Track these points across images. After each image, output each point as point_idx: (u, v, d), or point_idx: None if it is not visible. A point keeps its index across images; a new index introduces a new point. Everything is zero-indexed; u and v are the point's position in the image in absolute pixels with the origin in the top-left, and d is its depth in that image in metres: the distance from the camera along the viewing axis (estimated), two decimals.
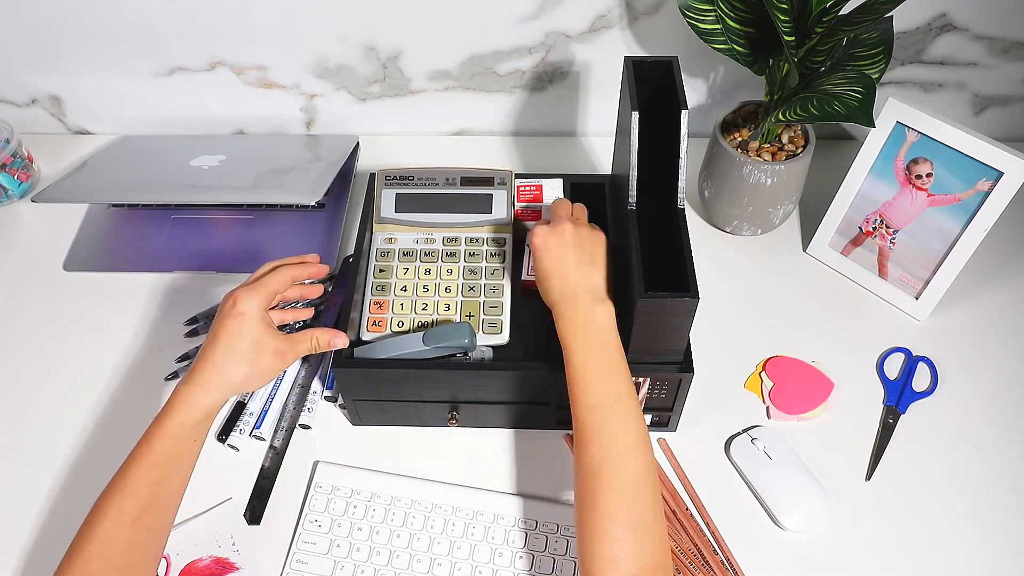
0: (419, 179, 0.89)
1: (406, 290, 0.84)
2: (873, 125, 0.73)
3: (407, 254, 0.86)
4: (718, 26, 0.83)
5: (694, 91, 1.05)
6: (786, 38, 0.74)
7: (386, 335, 0.81)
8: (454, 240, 0.87)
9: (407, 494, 0.77)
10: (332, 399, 0.84)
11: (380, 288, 0.84)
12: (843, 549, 0.74)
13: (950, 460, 0.79)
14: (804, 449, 0.79)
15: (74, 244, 0.99)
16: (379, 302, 0.83)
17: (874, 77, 0.80)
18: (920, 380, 0.85)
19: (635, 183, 0.72)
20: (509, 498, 0.77)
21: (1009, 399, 0.83)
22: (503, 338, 0.81)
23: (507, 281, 0.84)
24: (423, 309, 0.83)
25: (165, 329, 0.90)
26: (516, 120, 1.10)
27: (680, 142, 0.71)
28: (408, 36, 0.99)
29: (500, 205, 0.88)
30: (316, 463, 0.80)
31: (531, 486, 0.78)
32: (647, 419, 0.80)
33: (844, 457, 0.80)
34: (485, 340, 0.81)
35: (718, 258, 0.95)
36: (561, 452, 0.80)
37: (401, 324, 0.82)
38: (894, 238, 0.88)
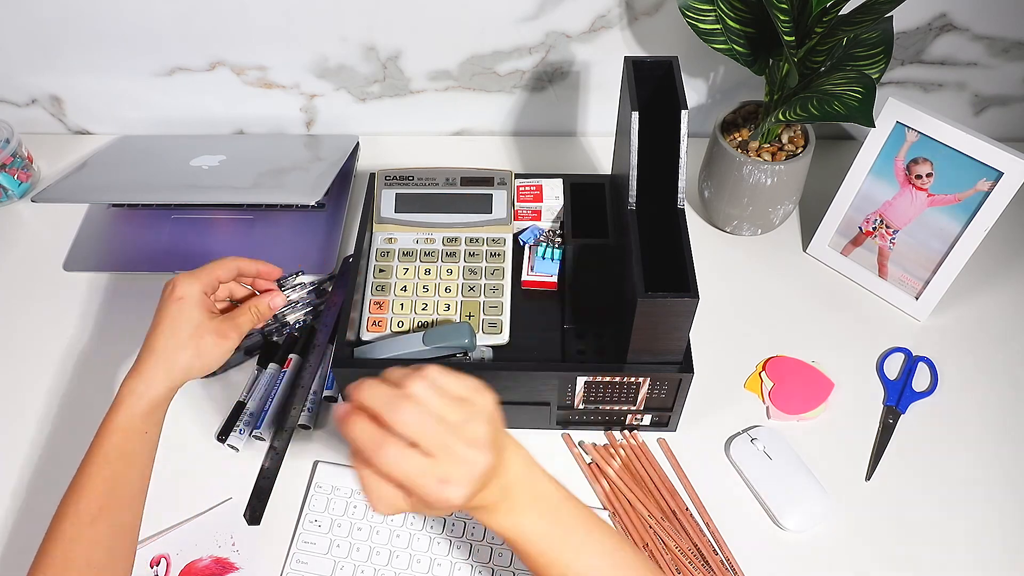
0: (419, 179, 0.89)
1: (406, 290, 0.84)
2: (873, 125, 0.73)
3: (407, 254, 0.86)
4: (718, 26, 0.83)
5: (694, 91, 1.05)
6: (786, 38, 0.74)
7: (386, 335, 0.81)
8: (454, 240, 0.87)
9: None
10: (332, 399, 0.84)
11: (380, 288, 0.84)
12: (843, 549, 0.74)
13: (950, 460, 0.79)
14: (804, 449, 0.79)
15: (74, 244, 0.99)
16: (379, 302, 0.83)
17: (874, 77, 0.80)
18: (920, 380, 0.85)
19: (635, 183, 0.72)
20: None
21: (1009, 399, 0.83)
22: (503, 338, 0.81)
23: (507, 281, 0.84)
24: (423, 309, 0.83)
25: None
26: (516, 120, 1.10)
27: (680, 142, 0.71)
28: (408, 36, 0.99)
29: (500, 205, 0.88)
30: (316, 463, 0.80)
31: None
32: (647, 419, 0.80)
33: (844, 457, 0.80)
34: (485, 340, 0.81)
35: (718, 258, 0.95)
36: (561, 452, 0.80)
37: (401, 324, 0.82)
38: (894, 238, 0.88)
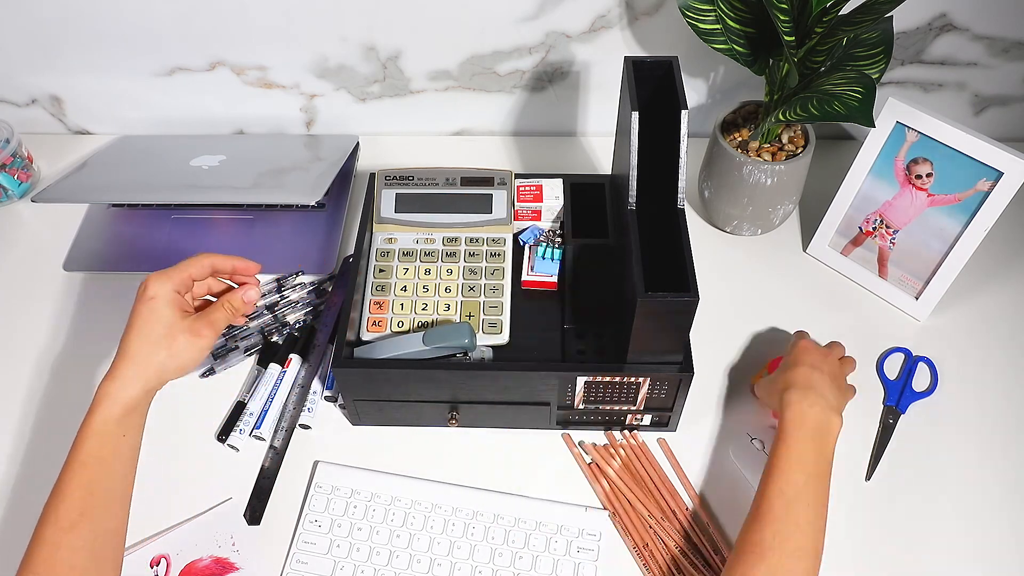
0: (419, 179, 0.89)
1: (406, 290, 0.84)
2: (873, 125, 0.73)
3: (407, 254, 0.86)
4: (718, 26, 0.83)
5: (694, 91, 1.05)
6: (786, 38, 0.74)
7: (386, 335, 0.81)
8: (454, 240, 0.87)
9: (407, 494, 0.77)
10: (332, 399, 0.84)
11: (380, 288, 0.84)
12: (843, 549, 0.74)
13: (950, 460, 0.79)
14: None
15: (74, 244, 0.99)
16: (379, 302, 0.83)
17: (874, 77, 0.80)
18: (920, 380, 0.85)
19: (635, 183, 0.72)
20: (509, 498, 0.77)
21: (1009, 399, 0.83)
22: (503, 338, 0.81)
23: (507, 281, 0.84)
24: (423, 309, 0.83)
25: None
26: (516, 120, 1.10)
27: (680, 142, 0.71)
28: (408, 36, 0.99)
29: (500, 205, 0.88)
30: (316, 463, 0.80)
31: (531, 486, 0.78)
32: (647, 419, 0.80)
33: (844, 457, 0.79)
34: (485, 340, 0.81)
35: (718, 258, 0.95)
36: (561, 452, 0.80)
37: (401, 324, 0.82)
38: (894, 238, 0.88)
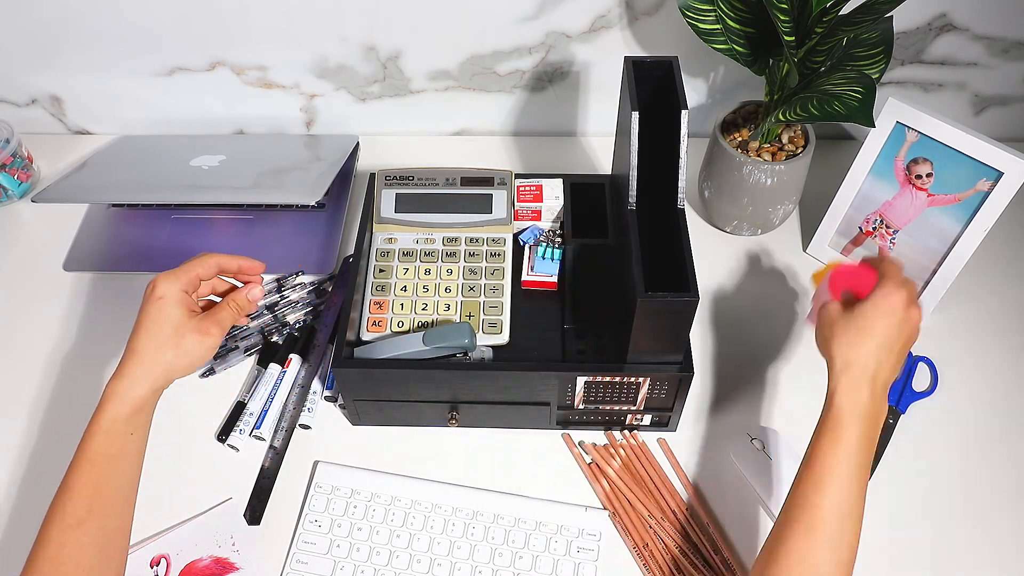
0: (419, 179, 0.89)
1: (406, 290, 0.84)
2: (873, 125, 0.73)
3: (407, 254, 0.86)
4: (718, 26, 0.83)
5: (694, 91, 1.05)
6: (786, 38, 0.74)
7: (386, 335, 0.81)
8: (454, 240, 0.87)
9: (407, 494, 0.77)
10: (332, 399, 0.84)
11: (380, 288, 0.84)
12: None
13: (950, 460, 0.79)
14: (804, 449, 0.79)
15: (74, 244, 0.99)
16: (379, 302, 0.83)
17: (874, 77, 0.80)
18: (920, 380, 0.85)
19: (635, 183, 0.72)
20: (509, 498, 0.77)
21: (1009, 399, 0.83)
22: (503, 338, 0.81)
23: (507, 281, 0.84)
24: (423, 309, 0.83)
25: None
26: (516, 120, 1.10)
27: (680, 142, 0.71)
28: (408, 36, 0.99)
29: (500, 205, 0.88)
30: (316, 463, 0.80)
31: (531, 486, 0.78)
32: (647, 419, 0.80)
33: None
34: (485, 340, 0.81)
35: (718, 258, 0.95)
36: (561, 452, 0.80)
37: (401, 324, 0.82)
38: (894, 238, 0.88)
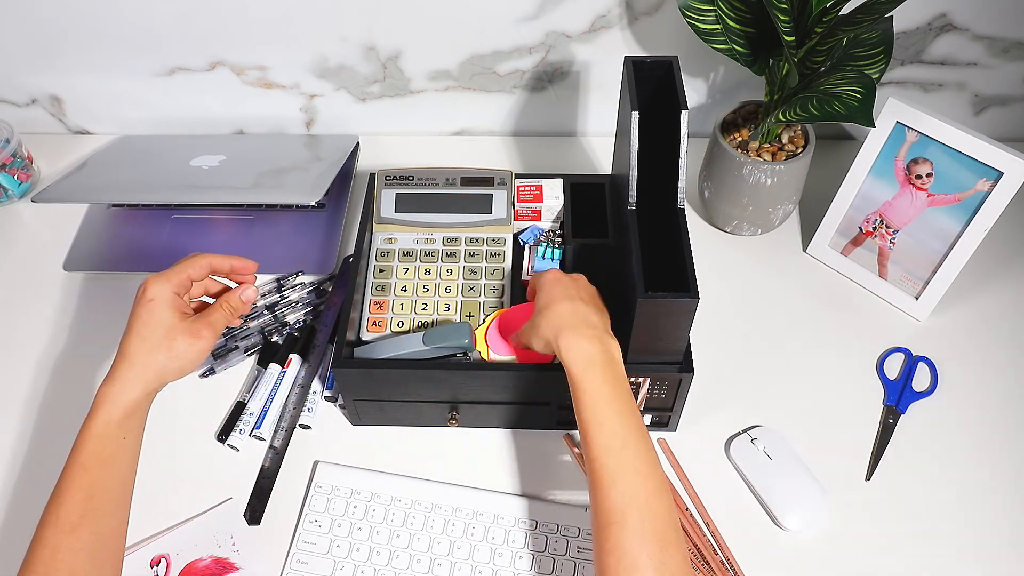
0: (419, 179, 0.89)
1: (406, 290, 0.84)
2: (873, 125, 0.73)
3: (407, 254, 0.86)
4: (718, 26, 0.83)
5: (694, 91, 1.05)
6: (786, 38, 0.74)
7: (386, 335, 0.81)
8: (454, 240, 0.87)
9: (407, 494, 0.77)
10: (332, 399, 0.84)
11: (380, 288, 0.84)
12: (843, 549, 0.74)
13: (950, 460, 0.79)
14: (804, 449, 0.79)
15: (74, 244, 0.99)
16: (379, 302, 0.83)
17: (874, 77, 0.80)
18: (920, 380, 0.85)
19: (635, 183, 0.72)
20: (509, 498, 0.77)
21: (1009, 399, 0.83)
22: None
23: (507, 281, 0.84)
24: (423, 309, 0.83)
25: None
26: (516, 120, 1.10)
27: (680, 142, 0.71)
28: (408, 36, 0.99)
29: (500, 205, 0.88)
30: (316, 463, 0.80)
31: (531, 486, 0.78)
32: (647, 419, 0.80)
33: (844, 457, 0.80)
34: None
35: (718, 258, 0.95)
36: (561, 452, 0.80)
37: (401, 324, 0.82)
38: (894, 238, 0.88)
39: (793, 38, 0.75)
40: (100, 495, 0.63)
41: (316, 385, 0.85)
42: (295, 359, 0.86)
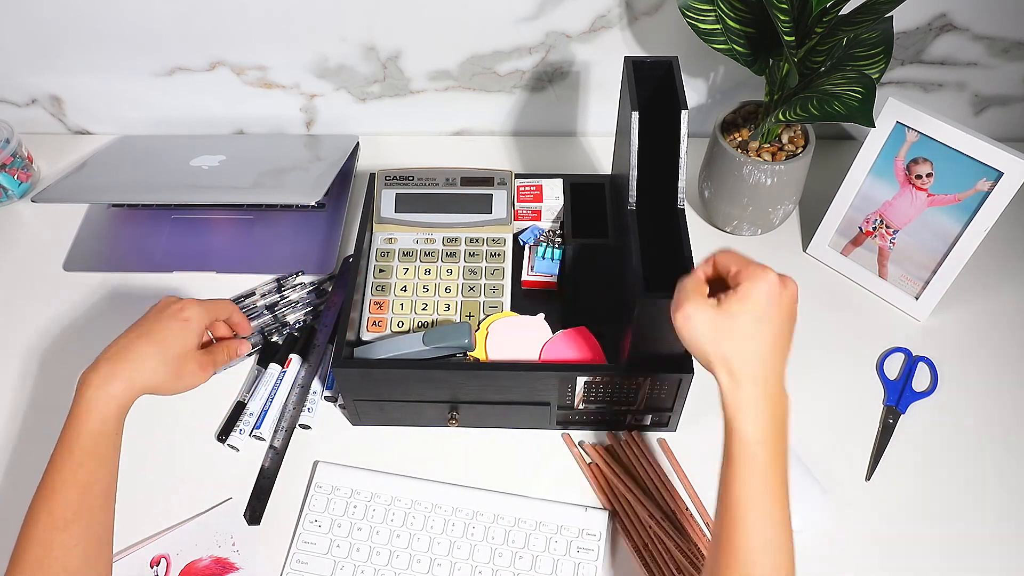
0: (419, 179, 0.89)
1: (406, 290, 0.84)
2: (873, 125, 0.73)
3: (407, 254, 0.86)
4: (718, 26, 0.83)
5: (694, 91, 1.05)
6: (786, 38, 0.74)
7: (386, 335, 0.81)
8: (454, 240, 0.87)
9: (407, 494, 0.77)
10: (332, 399, 0.84)
11: (380, 288, 0.84)
12: (843, 549, 0.74)
13: (950, 460, 0.79)
14: (804, 449, 0.79)
15: (74, 244, 0.99)
16: (379, 302, 0.83)
17: (874, 77, 0.80)
18: (920, 380, 0.85)
19: (635, 183, 0.72)
20: (509, 498, 0.77)
21: (1009, 399, 0.83)
22: None
23: (507, 281, 0.84)
24: (423, 309, 0.83)
25: None
26: (516, 120, 1.10)
27: (680, 142, 0.71)
28: (408, 36, 0.99)
29: (500, 205, 0.88)
30: (316, 463, 0.80)
31: (531, 486, 0.78)
32: (647, 419, 0.80)
33: (844, 457, 0.80)
34: None
35: None
36: (561, 452, 0.80)
37: (401, 324, 0.82)
38: (894, 238, 0.88)
39: (793, 38, 0.75)
40: (93, 492, 0.63)
41: (316, 385, 0.85)
42: (295, 359, 0.86)
